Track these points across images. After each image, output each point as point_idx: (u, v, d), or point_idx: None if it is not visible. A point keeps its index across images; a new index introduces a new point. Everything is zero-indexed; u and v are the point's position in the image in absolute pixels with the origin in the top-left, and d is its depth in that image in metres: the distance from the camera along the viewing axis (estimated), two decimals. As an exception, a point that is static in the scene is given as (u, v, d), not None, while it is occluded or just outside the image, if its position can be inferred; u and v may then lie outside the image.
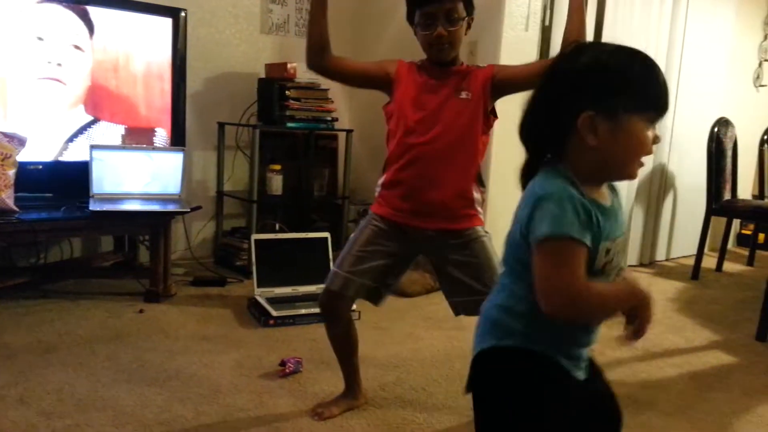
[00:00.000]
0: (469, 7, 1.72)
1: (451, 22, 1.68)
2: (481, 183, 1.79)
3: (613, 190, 1.11)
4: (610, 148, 1.00)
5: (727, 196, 4.02)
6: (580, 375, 1.08)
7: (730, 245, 4.42)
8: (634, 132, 1.00)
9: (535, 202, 0.98)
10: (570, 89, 1.02)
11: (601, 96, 0.99)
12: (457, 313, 1.83)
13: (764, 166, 4.39)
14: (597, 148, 0.99)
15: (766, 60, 4.83)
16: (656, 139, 1.03)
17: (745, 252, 4.55)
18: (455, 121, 1.71)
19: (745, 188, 4.70)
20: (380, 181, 1.83)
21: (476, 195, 1.77)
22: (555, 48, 3.41)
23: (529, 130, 1.07)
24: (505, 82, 1.72)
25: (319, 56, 1.78)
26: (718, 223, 4.21)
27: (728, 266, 4.24)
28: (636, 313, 1.03)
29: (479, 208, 1.79)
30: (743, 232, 4.99)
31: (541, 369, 1.05)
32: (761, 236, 4.53)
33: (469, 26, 1.74)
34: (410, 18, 1.74)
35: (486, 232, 1.79)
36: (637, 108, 1.00)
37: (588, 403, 1.11)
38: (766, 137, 4.35)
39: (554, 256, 0.96)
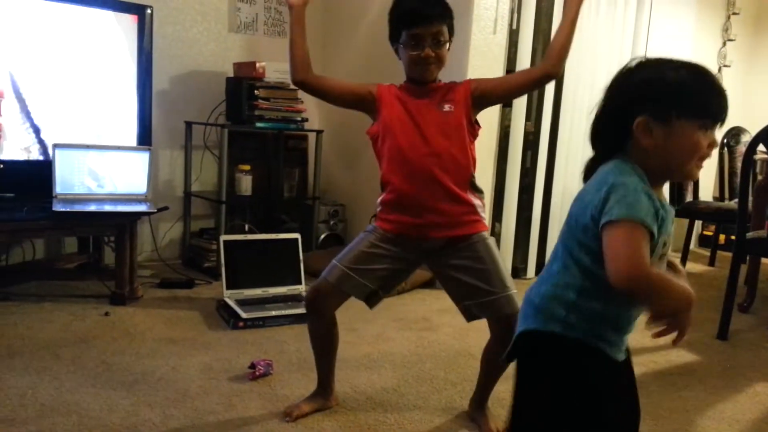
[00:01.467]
0: (451, 31, 1.79)
1: (438, 44, 1.74)
2: (477, 189, 1.83)
3: None
4: (665, 150, 1.10)
5: (689, 197, 4.13)
6: (620, 356, 1.16)
7: (692, 246, 4.54)
8: (686, 136, 1.09)
9: (610, 188, 1.06)
10: (630, 97, 1.12)
11: (655, 103, 1.09)
12: (469, 317, 1.84)
13: (725, 169, 4.51)
14: (652, 149, 1.09)
15: (725, 66, 4.96)
16: (713, 144, 1.12)
17: (707, 252, 4.67)
18: (443, 133, 1.76)
19: (707, 190, 4.83)
20: (379, 200, 1.86)
21: (475, 201, 1.82)
22: (523, 51, 3.46)
23: (597, 135, 1.18)
24: (483, 95, 1.80)
25: (302, 74, 1.81)
26: (681, 224, 4.31)
27: (690, 266, 4.35)
28: (676, 316, 1.12)
29: (482, 213, 1.84)
30: (705, 233, 5.12)
31: (579, 356, 1.12)
32: (722, 237, 4.65)
33: (448, 48, 1.80)
34: (393, 37, 1.78)
35: (489, 236, 1.83)
36: (690, 115, 1.09)
37: (621, 383, 1.19)
38: (725, 141, 4.46)
39: (628, 235, 1.03)
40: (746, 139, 4.20)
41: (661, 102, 1.09)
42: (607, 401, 1.13)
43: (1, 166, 2.78)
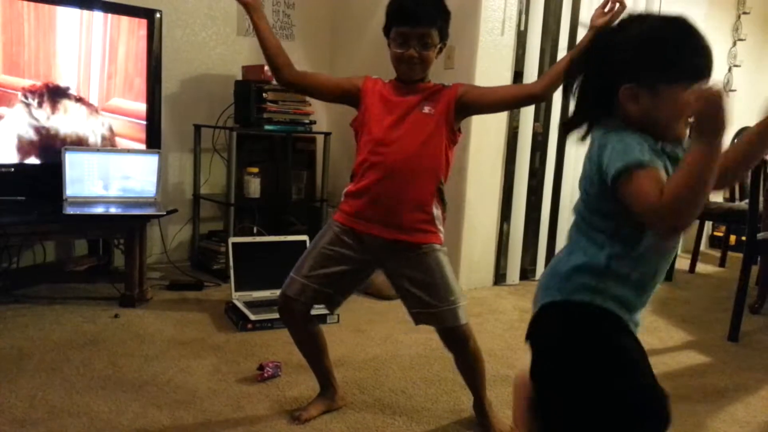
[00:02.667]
0: (444, 34, 1.76)
1: (424, 46, 1.72)
2: (442, 200, 1.80)
3: None
4: (653, 114, 1.07)
5: (700, 198, 4.09)
6: (637, 332, 1.15)
7: (702, 247, 4.50)
8: (674, 100, 1.06)
9: (599, 149, 1.06)
10: (614, 62, 1.09)
11: (641, 70, 1.07)
12: (416, 322, 1.84)
13: (735, 170, 4.47)
14: (638, 115, 1.07)
15: (735, 66, 4.93)
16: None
17: (718, 253, 4.64)
18: (417, 133, 1.74)
19: (717, 191, 4.79)
20: (345, 190, 1.86)
21: (436, 211, 1.78)
22: (531, 52, 3.45)
23: (580, 96, 1.16)
24: (469, 103, 1.77)
25: (279, 72, 1.80)
26: (691, 225, 4.28)
27: (701, 267, 4.32)
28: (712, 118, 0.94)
29: (439, 226, 1.80)
30: (715, 234, 5.08)
31: (609, 324, 1.11)
32: (733, 238, 4.62)
33: (440, 51, 1.77)
34: (386, 32, 1.78)
35: (441, 248, 1.80)
36: (677, 79, 1.06)
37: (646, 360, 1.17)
38: (736, 140, 4.43)
39: (634, 185, 1.00)
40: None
41: (647, 70, 1.07)
42: (637, 363, 1.13)
43: (12, 169, 2.80)
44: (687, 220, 0.99)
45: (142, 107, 3.11)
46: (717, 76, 4.88)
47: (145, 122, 3.12)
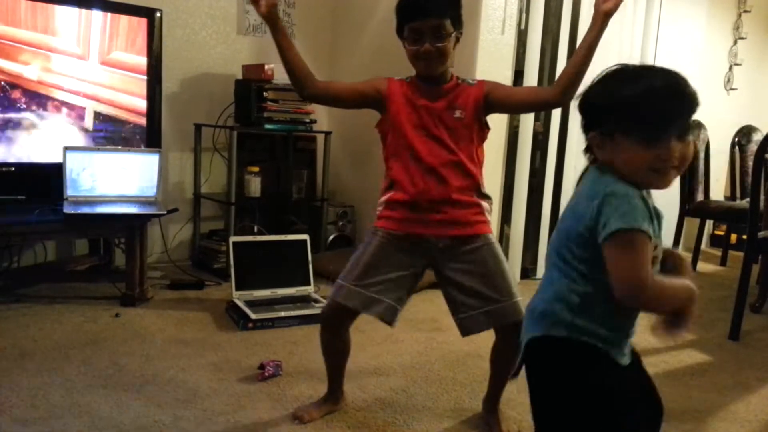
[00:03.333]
0: (457, 23, 1.71)
1: (438, 38, 1.67)
2: (485, 196, 1.81)
3: None
4: (616, 163, 1.11)
5: (700, 197, 4.10)
6: (625, 360, 1.16)
7: (703, 246, 4.50)
8: (630, 152, 1.09)
9: (603, 199, 1.07)
10: (586, 110, 1.15)
11: (603, 119, 1.11)
12: (465, 332, 1.80)
13: (735, 168, 4.48)
14: (606, 161, 1.12)
15: (736, 64, 4.93)
16: (686, 154, 1.09)
17: (719, 252, 4.63)
18: (454, 140, 1.73)
19: (718, 190, 4.79)
20: (383, 198, 1.81)
21: (483, 203, 1.80)
22: (531, 51, 3.45)
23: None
24: (495, 102, 1.75)
25: (303, 87, 1.75)
26: (692, 224, 4.28)
27: (702, 266, 4.32)
28: (681, 315, 1.12)
29: (488, 216, 1.81)
30: (716, 233, 5.08)
31: (588, 358, 1.13)
32: (734, 237, 4.62)
33: (457, 40, 1.74)
34: (399, 32, 1.73)
35: (494, 239, 1.81)
36: (637, 132, 1.08)
37: (634, 387, 1.20)
38: (737, 140, 4.43)
39: (628, 247, 1.04)
40: (758, 137, 4.16)
41: (608, 119, 1.10)
42: (620, 403, 1.13)
43: (12, 168, 2.80)
44: (643, 307, 1.11)
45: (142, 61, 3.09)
46: (717, 75, 4.89)
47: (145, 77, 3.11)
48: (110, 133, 3.05)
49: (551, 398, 1.17)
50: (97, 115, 3.01)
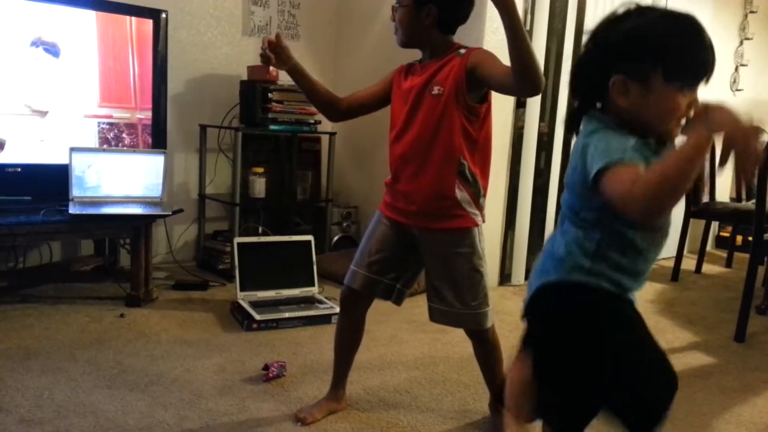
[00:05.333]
0: None
1: (395, 9, 1.72)
2: (466, 179, 1.69)
3: None
4: (641, 111, 1.07)
5: (706, 198, 4.08)
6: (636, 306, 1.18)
7: (709, 247, 4.48)
8: (666, 98, 1.06)
9: (583, 148, 1.07)
10: (607, 53, 1.09)
11: (634, 61, 1.06)
12: (432, 317, 1.83)
13: (741, 170, 4.45)
14: (627, 108, 1.07)
15: (742, 65, 4.91)
16: (693, 104, 1.07)
17: (724, 254, 4.62)
18: (428, 119, 1.66)
19: (724, 191, 4.77)
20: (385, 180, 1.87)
21: (460, 194, 1.68)
22: (536, 52, 3.43)
23: (576, 84, 1.18)
24: (479, 77, 1.62)
25: (333, 114, 1.86)
26: (697, 225, 4.27)
27: (707, 268, 4.31)
28: (732, 146, 0.94)
29: (468, 208, 1.70)
30: (722, 234, 5.06)
31: (605, 295, 1.14)
32: (739, 238, 4.60)
33: (428, 15, 1.66)
34: None
35: (474, 233, 1.73)
36: (671, 76, 1.05)
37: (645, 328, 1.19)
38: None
39: (613, 180, 1.01)
40: (764, 138, 4.14)
41: (641, 61, 1.05)
42: (641, 328, 1.16)
43: (18, 169, 2.81)
44: (657, 210, 0.98)
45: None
46: (723, 75, 4.87)
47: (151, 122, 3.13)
48: (115, 134, 3.06)
49: (566, 340, 1.17)
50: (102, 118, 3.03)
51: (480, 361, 1.91)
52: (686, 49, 1.05)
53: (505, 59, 1.54)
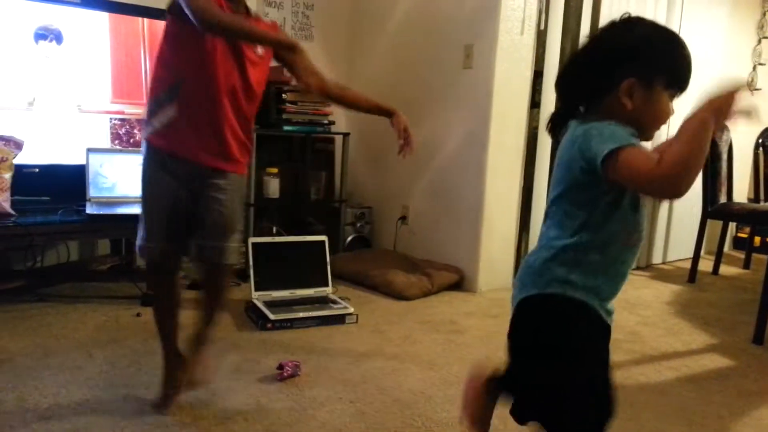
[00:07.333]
0: None
1: None
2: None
3: None
4: (641, 113, 1.13)
5: (723, 199, 4.04)
6: (610, 321, 1.21)
7: (726, 248, 4.44)
8: (662, 103, 1.14)
9: (584, 135, 1.10)
10: (619, 57, 1.14)
11: (645, 68, 1.12)
12: (197, 257, 1.99)
13: (759, 170, 4.41)
14: (627, 111, 1.12)
15: (760, 64, 4.86)
16: (671, 112, 1.17)
17: (742, 255, 4.57)
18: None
19: (741, 191, 4.72)
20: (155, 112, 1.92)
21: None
22: (551, 52, 3.43)
23: (567, 85, 1.21)
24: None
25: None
26: (714, 226, 4.23)
27: (724, 269, 4.26)
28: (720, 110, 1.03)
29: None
30: (739, 235, 5.01)
31: (579, 312, 1.17)
32: (757, 239, 4.55)
33: None
34: None
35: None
36: (669, 84, 1.13)
37: (607, 353, 1.25)
38: (760, 140, 4.37)
39: (631, 159, 1.04)
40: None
41: (652, 67, 1.12)
42: (595, 358, 1.20)
43: (37, 170, 2.84)
44: (687, 184, 1.01)
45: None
46: (741, 75, 4.82)
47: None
48: (127, 130, 3.09)
49: (537, 348, 1.21)
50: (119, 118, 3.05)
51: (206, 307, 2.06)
52: (685, 60, 1.15)
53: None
